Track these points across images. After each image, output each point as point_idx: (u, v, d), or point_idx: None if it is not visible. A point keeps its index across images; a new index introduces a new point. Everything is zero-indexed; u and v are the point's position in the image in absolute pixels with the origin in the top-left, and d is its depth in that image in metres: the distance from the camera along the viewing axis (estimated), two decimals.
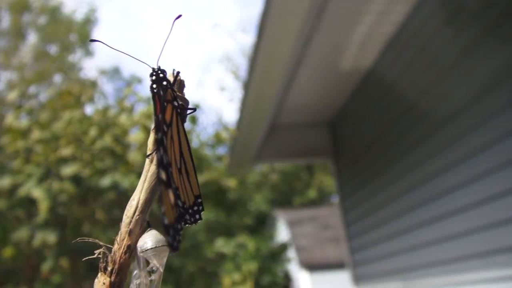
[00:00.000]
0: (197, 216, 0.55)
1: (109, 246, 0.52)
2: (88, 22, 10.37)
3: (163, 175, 0.48)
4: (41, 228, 3.38)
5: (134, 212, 0.52)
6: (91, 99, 4.77)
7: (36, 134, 3.63)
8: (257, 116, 3.25)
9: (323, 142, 3.67)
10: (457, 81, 2.04)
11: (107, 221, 3.73)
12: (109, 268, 0.50)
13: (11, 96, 5.70)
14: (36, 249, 3.49)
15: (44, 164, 3.51)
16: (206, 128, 12.66)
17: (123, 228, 0.52)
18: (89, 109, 6.22)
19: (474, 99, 1.91)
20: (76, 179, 3.46)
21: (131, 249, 0.51)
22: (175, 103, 0.54)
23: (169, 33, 0.56)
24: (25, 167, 3.53)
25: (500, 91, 1.74)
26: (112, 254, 0.51)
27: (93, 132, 3.63)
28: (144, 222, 0.52)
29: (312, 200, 11.51)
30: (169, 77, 0.55)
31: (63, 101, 4.13)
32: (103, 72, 10.69)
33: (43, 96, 8.26)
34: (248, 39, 13.09)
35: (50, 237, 3.32)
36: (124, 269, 0.51)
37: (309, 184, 12.05)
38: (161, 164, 0.49)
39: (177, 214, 0.49)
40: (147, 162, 0.54)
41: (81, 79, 9.37)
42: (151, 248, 0.50)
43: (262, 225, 8.78)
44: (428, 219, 2.34)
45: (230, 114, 15.85)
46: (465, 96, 1.97)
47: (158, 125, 0.51)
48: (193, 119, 4.31)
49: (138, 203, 0.52)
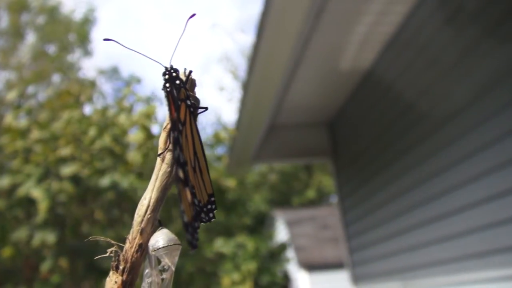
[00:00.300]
0: (211, 215, 0.55)
1: (121, 245, 0.52)
2: (87, 22, 10.36)
3: (181, 174, 0.48)
4: (40, 228, 3.37)
5: (146, 211, 0.52)
6: (90, 99, 4.75)
7: (35, 134, 3.62)
8: (256, 116, 3.25)
9: (322, 142, 3.68)
10: (457, 81, 2.05)
11: (106, 221, 3.73)
12: (121, 267, 0.50)
13: (10, 96, 5.68)
14: (35, 249, 3.48)
15: (43, 164, 3.50)
16: (205, 128, 12.64)
17: (135, 227, 0.52)
18: (88, 109, 6.20)
19: (474, 99, 1.91)
20: (75, 179, 3.45)
21: (143, 248, 0.51)
22: (188, 102, 0.55)
23: (183, 32, 0.57)
24: (24, 167, 3.52)
25: (500, 91, 1.74)
26: (124, 253, 0.51)
27: (92, 132, 3.62)
28: (156, 221, 0.52)
29: (311, 200, 11.52)
30: (181, 76, 0.56)
31: (62, 101, 4.12)
32: (102, 72, 10.69)
33: (42, 96, 8.26)
34: (247, 39, 13.09)
35: (49, 237, 3.31)
36: (136, 268, 0.51)
37: (308, 184, 12.05)
38: (178, 163, 0.49)
39: (194, 213, 0.49)
40: (159, 161, 0.54)
41: (80, 79, 9.35)
42: (163, 247, 0.50)
43: (261, 225, 8.78)
44: (427, 219, 2.34)
45: (229, 114, 15.84)
46: (465, 96, 1.98)
47: (174, 124, 0.51)
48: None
49: (150, 202, 0.52)
